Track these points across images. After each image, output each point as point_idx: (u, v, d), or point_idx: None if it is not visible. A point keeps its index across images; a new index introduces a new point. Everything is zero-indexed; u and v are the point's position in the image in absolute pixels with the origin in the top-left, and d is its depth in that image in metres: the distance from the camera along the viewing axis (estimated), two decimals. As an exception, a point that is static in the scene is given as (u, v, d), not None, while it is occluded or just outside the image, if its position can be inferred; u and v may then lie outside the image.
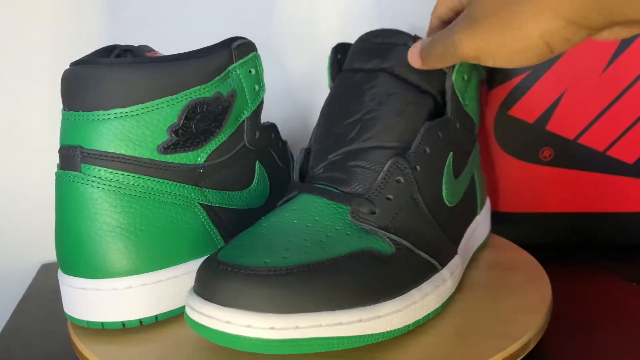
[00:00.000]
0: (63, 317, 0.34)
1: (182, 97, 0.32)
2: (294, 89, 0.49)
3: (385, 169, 0.33)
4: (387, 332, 0.29)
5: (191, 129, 0.33)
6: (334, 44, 0.41)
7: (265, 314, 0.26)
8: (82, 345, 0.32)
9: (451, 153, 0.36)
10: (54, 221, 0.33)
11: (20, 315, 0.41)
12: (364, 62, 0.37)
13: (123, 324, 0.32)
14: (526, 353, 0.30)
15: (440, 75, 0.36)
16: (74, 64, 0.32)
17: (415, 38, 0.37)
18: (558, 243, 0.46)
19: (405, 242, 0.31)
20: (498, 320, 0.32)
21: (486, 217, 0.42)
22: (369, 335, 0.28)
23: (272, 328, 0.26)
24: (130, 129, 0.31)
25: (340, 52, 0.40)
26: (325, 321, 0.27)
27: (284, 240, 0.29)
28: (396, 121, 0.35)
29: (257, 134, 0.37)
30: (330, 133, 0.35)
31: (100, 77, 0.31)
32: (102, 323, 0.32)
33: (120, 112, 0.31)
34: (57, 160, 0.45)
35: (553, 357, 0.32)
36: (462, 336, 0.30)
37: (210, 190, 0.35)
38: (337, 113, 0.36)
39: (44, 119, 0.50)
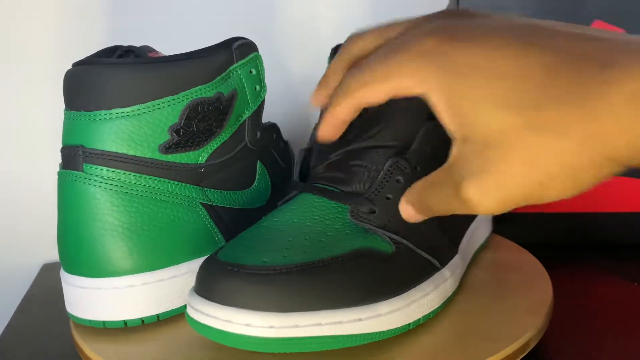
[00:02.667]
0: (65, 316, 0.34)
1: (183, 97, 0.32)
2: (295, 89, 0.49)
3: (385, 168, 0.33)
4: (387, 330, 0.29)
5: (192, 129, 0.33)
6: (334, 45, 0.41)
7: (264, 312, 0.26)
8: (84, 344, 0.32)
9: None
10: (56, 221, 0.33)
11: (22, 315, 0.41)
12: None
13: (125, 322, 0.32)
14: (526, 353, 0.30)
15: None
16: (76, 64, 0.33)
17: None
18: (558, 243, 0.46)
19: (405, 242, 0.31)
20: (498, 320, 0.31)
21: (487, 217, 0.42)
22: (368, 334, 0.28)
23: (271, 327, 0.26)
24: (132, 128, 0.31)
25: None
26: (325, 320, 0.27)
27: (284, 239, 0.30)
28: (396, 121, 0.35)
29: (258, 134, 0.38)
30: None
31: (101, 77, 0.31)
32: (103, 322, 0.32)
33: (122, 112, 0.31)
34: (60, 160, 0.45)
35: (553, 357, 0.32)
36: (462, 336, 0.30)
37: (212, 190, 0.35)
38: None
39: (45, 118, 0.50)
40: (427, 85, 0.24)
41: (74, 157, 0.31)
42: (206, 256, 0.34)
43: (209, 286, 0.27)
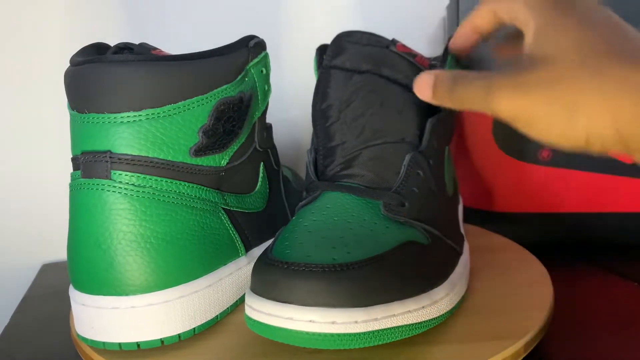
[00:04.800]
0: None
1: (211, 96, 0.31)
2: (295, 89, 0.48)
3: (406, 163, 0.34)
4: (438, 317, 0.30)
5: (219, 130, 0.31)
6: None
7: (348, 309, 0.26)
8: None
9: (447, 147, 0.38)
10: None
11: (22, 315, 0.41)
12: (355, 63, 0.37)
13: (162, 341, 0.30)
14: (527, 353, 0.30)
15: None
16: (76, 63, 0.29)
17: (395, 41, 0.38)
18: (558, 243, 0.46)
19: (435, 232, 0.33)
20: (499, 321, 0.32)
21: (461, 202, 0.45)
22: (427, 321, 0.29)
23: (355, 322, 0.26)
24: (164, 130, 0.29)
25: (325, 53, 0.41)
26: (398, 310, 0.28)
27: (337, 237, 0.29)
28: (399, 119, 0.36)
29: (264, 135, 0.37)
30: (339, 133, 0.36)
31: (128, 76, 0.28)
32: (137, 343, 0.29)
33: (152, 113, 0.29)
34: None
35: (553, 357, 0.32)
36: (463, 336, 0.30)
37: (229, 194, 0.34)
38: (337, 112, 0.36)
39: (46, 119, 0.49)
40: (531, 14, 0.28)
41: (99, 163, 0.28)
42: (229, 263, 0.33)
43: (282, 288, 0.27)
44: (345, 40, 0.37)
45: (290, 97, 0.48)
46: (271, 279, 0.27)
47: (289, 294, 0.27)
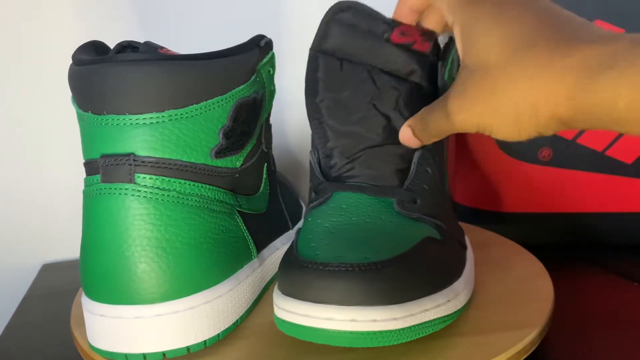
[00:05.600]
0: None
1: (230, 96, 0.30)
2: (295, 88, 0.47)
3: (415, 161, 0.34)
4: (460, 309, 0.31)
5: (237, 131, 0.31)
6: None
7: (385, 306, 0.27)
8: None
9: (446, 144, 0.39)
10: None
11: (22, 315, 0.41)
12: (346, 54, 0.35)
13: (188, 349, 0.29)
14: (529, 353, 0.30)
15: (427, 69, 0.36)
16: (80, 63, 0.28)
17: (393, 22, 0.36)
18: (558, 243, 0.46)
19: (444, 226, 0.34)
20: (500, 321, 0.32)
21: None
22: (452, 313, 0.30)
23: (394, 319, 0.27)
24: (187, 132, 0.28)
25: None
26: (429, 305, 0.28)
27: (361, 237, 0.30)
28: (400, 117, 0.36)
29: (269, 136, 0.36)
30: (335, 132, 0.35)
31: (149, 75, 0.27)
32: (163, 353, 0.28)
33: (175, 114, 0.28)
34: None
35: (553, 357, 0.32)
36: (464, 337, 0.30)
37: (241, 196, 0.33)
38: (331, 108, 0.35)
39: (47, 119, 0.49)
40: (453, 16, 0.29)
41: (122, 167, 0.27)
42: (245, 266, 0.33)
43: (319, 289, 0.27)
44: (335, 22, 0.35)
45: (291, 97, 0.47)
46: (304, 280, 0.27)
47: (326, 294, 0.26)
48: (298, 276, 0.27)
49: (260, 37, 0.34)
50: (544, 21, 0.27)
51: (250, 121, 0.32)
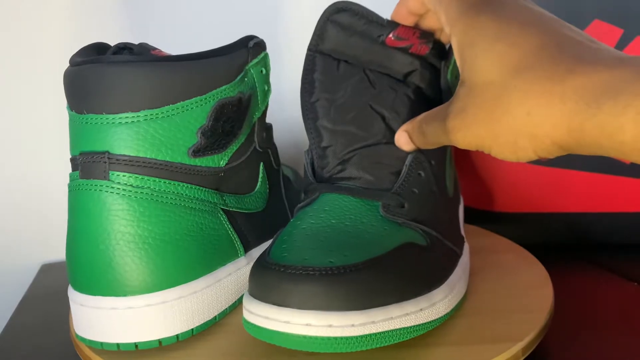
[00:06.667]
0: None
1: (210, 97, 0.31)
2: (295, 88, 0.48)
3: (407, 163, 0.34)
4: (438, 318, 0.30)
5: (218, 131, 0.31)
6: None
7: (344, 312, 0.26)
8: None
9: (449, 147, 0.38)
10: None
11: (22, 315, 0.41)
12: (342, 55, 0.35)
13: (160, 342, 0.30)
14: (528, 354, 0.30)
15: (426, 71, 0.35)
16: (76, 63, 0.29)
17: (388, 21, 0.35)
18: (557, 243, 0.46)
19: (434, 233, 0.33)
20: (498, 323, 0.31)
21: (462, 202, 0.45)
22: (426, 323, 0.29)
23: (352, 325, 0.26)
24: (162, 131, 0.29)
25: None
26: (396, 313, 0.28)
27: (334, 240, 0.29)
28: (403, 117, 0.35)
29: (264, 135, 0.37)
30: (330, 132, 0.35)
31: (127, 76, 0.28)
32: (136, 344, 0.29)
33: (151, 114, 0.29)
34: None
35: (553, 357, 0.32)
36: (461, 338, 0.30)
37: (228, 195, 0.34)
38: (326, 108, 0.35)
39: (46, 119, 0.49)
40: (451, 27, 0.29)
41: (98, 164, 0.28)
42: (229, 264, 0.33)
43: (279, 292, 0.27)
44: (331, 23, 0.34)
45: (291, 97, 0.48)
46: (268, 282, 0.27)
47: (286, 297, 0.26)
48: (263, 278, 0.28)
49: (250, 38, 0.34)
50: (546, 38, 0.26)
51: (234, 121, 0.32)
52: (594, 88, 0.23)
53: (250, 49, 0.33)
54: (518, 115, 0.25)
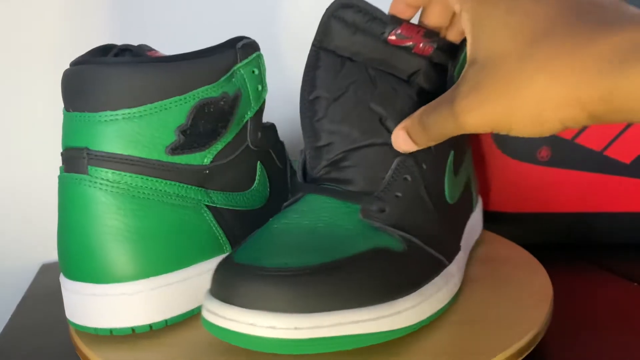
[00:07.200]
0: (64, 317, 0.33)
1: (190, 97, 0.32)
2: (294, 89, 0.48)
3: (393, 167, 0.33)
4: (404, 327, 0.29)
5: (199, 130, 0.32)
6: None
7: (289, 314, 0.26)
8: (83, 345, 0.31)
9: (452, 152, 0.36)
10: (55, 221, 0.32)
11: (22, 315, 0.41)
12: (346, 51, 0.34)
13: (133, 329, 0.31)
14: (527, 353, 0.30)
15: (431, 71, 0.34)
16: (74, 64, 0.31)
17: (391, 17, 0.34)
18: (557, 243, 0.46)
19: (414, 239, 0.32)
20: (500, 320, 0.31)
21: (480, 213, 0.43)
22: (387, 332, 0.29)
23: (296, 328, 0.26)
24: (139, 129, 0.30)
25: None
26: (347, 319, 0.27)
27: (299, 241, 0.29)
28: (395, 119, 0.34)
29: (259, 134, 0.37)
30: (326, 132, 0.34)
31: (107, 77, 0.30)
32: (110, 329, 0.31)
33: (129, 113, 0.30)
34: (58, 161, 0.45)
35: (553, 357, 0.32)
36: (464, 337, 0.30)
37: (215, 192, 0.34)
38: (325, 107, 0.34)
39: (45, 119, 0.49)
40: (462, 4, 0.27)
41: (78, 159, 0.30)
42: (212, 258, 0.34)
43: (228, 289, 0.27)
44: (335, 19, 0.34)
45: (291, 96, 0.48)
46: (222, 280, 0.28)
47: (234, 295, 0.27)
48: (217, 274, 0.28)
49: (239, 39, 0.35)
50: (566, 3, 0.24)
51: (218, 120, 0.33)
52: (624, 48, 0.21)
53: (238, 50, 0.34)
54: (540, 82, 0.23)
